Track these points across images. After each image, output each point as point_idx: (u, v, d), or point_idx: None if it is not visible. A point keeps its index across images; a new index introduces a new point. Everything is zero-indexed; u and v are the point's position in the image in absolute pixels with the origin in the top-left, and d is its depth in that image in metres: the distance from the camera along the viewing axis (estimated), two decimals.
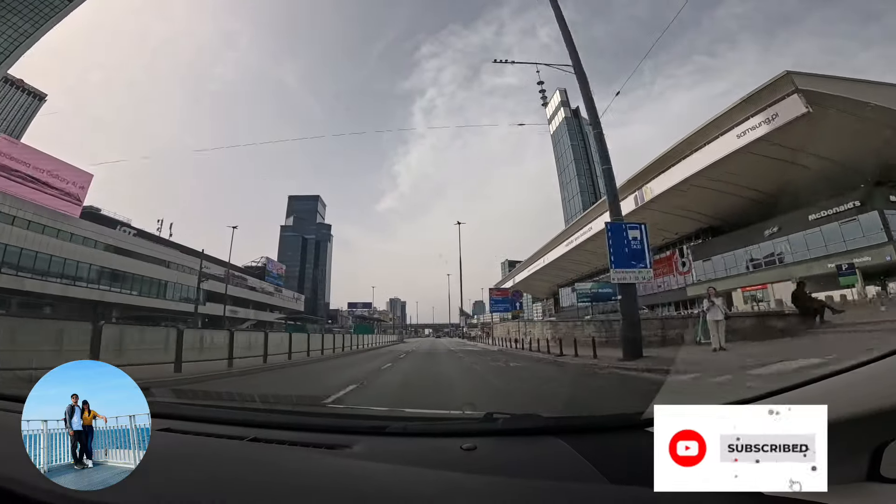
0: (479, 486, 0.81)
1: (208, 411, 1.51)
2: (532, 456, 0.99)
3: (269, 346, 10.98)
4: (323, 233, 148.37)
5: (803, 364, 3.53)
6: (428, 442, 1.15)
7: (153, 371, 6.52)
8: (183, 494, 0.82)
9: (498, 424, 1.17)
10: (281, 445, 1.08)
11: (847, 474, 0.68)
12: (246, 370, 8.93)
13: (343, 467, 0.95)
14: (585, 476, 0.84)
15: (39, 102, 39.62)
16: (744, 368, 4.69)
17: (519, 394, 5.33)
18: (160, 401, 1.65)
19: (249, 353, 10.22)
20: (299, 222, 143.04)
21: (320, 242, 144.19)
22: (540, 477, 0.87)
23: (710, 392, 2.79)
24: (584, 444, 0.97)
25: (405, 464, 0.93)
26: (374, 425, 1.25)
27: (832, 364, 0.74)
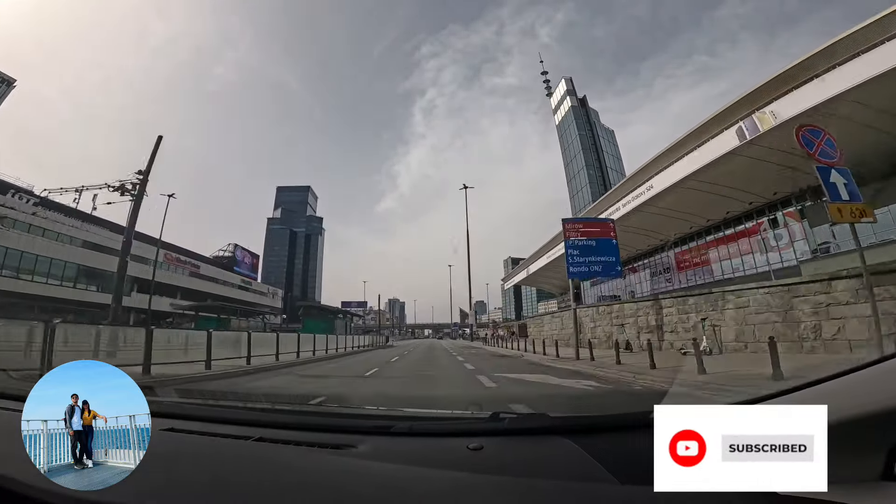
0: (487, 485, 0.85)
1: (213, 411, 1.55)
2: (540, 456, 1.02)
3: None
4: (314, 226, 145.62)
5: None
6: (434, 442, 1.19)
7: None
8: (187, 494, 0.86)
9: (504, 424, 1.21)
10: (286, 445, 1.12)
11: (860, 474, 0.71)
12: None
13: (349, 467, 0.99)
14: (594, 476, 0.88)
15: (8, 88, 38.87)
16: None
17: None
18: (164, 400, 1.69)
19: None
20: (288, 215, 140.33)
21: (311, 236, 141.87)
22: (548, 477, 0.91)
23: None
24: (592, 443, 1.00)
25: (411, 464, 0.97)
26: (380, 425, 1.29)
27: (840, 364, 0.77)
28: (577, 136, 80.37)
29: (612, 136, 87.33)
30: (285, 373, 10.04)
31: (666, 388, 6.19)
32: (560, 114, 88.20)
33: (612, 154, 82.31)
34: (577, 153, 79.06)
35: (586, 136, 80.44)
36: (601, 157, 78.92)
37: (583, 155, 77.81)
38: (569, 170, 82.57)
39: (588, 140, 80.00)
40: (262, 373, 9.84)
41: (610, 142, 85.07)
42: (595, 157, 78.48)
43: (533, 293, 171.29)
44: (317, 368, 11.35)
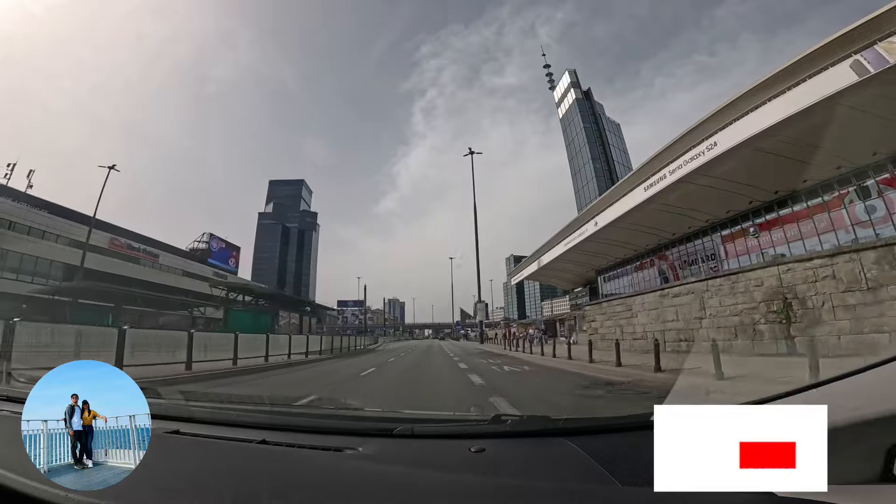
0: (490, 488, 0.89)
1: (217, 413, 1.61)
2: (542, 458, 1.06)
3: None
4: (308, 221, 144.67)
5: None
6: (436, 444, 1.24)
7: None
8: (193, 498, 0.89)
9: (507, 426, 1.25)
10: (290, 448, 1.16)
11: (859, 475, 0.74)
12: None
13: (352, 469, 1.03)
14: (596, 477, 0.91)
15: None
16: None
17: None
18: (169, 403, 1.75)
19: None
20: (280, 209, 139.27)
21: (304, 232, 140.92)
22: (551, 479, 0.95)
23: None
24: (594, 445, 1.04)
25: (414, 466, 1.01)
26: (382, 427, 1.33)
27: (840, 368, 0.80)
28: (581, 128, 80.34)
29: (618, 129, 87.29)
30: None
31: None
32: (564, 107, 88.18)
33: (618, 148, 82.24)
34: (583, 146, 79.04)
35: (591, 128, 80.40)
36: (607, 150, 78.88)
37: (588, 148, 77.77)
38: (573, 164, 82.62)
39: (593, 132, 79.96)
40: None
41: (616, 135, 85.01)
42: (601, 149, 78.42)
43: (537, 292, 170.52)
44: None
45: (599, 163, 76.68)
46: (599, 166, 76.03)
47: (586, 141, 78.43)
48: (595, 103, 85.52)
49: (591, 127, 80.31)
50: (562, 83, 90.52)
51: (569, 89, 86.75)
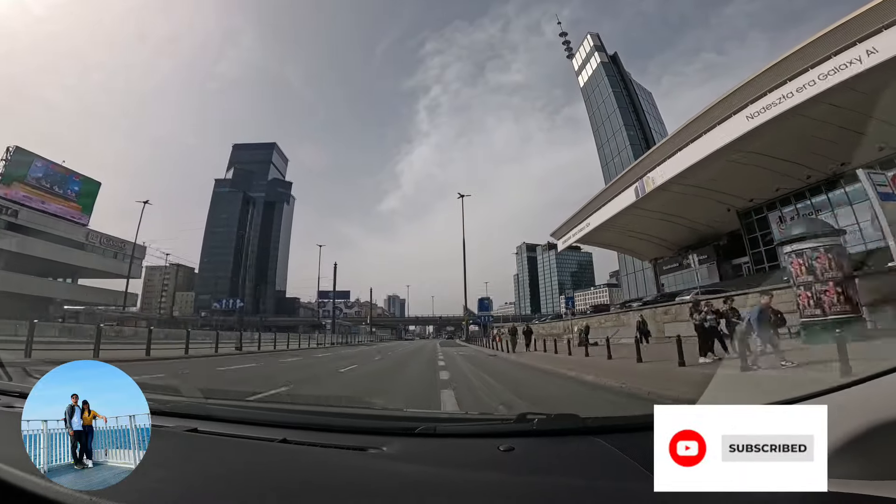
0: (523, 486, 1.02)
1: (236, 412, 1.75)
2: (573, 456, 1.21)
3: None
4: (279, 192, 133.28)
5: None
6: (461, 443, 1.39)
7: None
8: (211, 496, 1.01)
9: (533, 425, 1.39)
10: (312, 447, 1.31)
11: (860, 474, 0.88)
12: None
13: (377, 468, 1.17)
14: (629, 474, 1.02)
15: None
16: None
17: None
18: (188, 401, 1.90)
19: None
20: (243, 175, 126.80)
21: (274, 204, 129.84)
22: (586, 477, 1.08)
23: None
24: (625, 442, 1.18)
25: (441, 465, 1.15)
26: (404, 426, 1.48)
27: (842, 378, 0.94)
28: (610, 93, 79.21)
29: (650, 97, 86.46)
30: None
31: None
32: (585, 74, 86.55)
33: (653, 115, 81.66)
34: (612, 113, 77.97)
35: (621, 93, 79.48)
36: (641, 117, 78.14)
37: (619, 114, 76.61)
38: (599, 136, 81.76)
39: (624, 98, 79.10)
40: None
41: (649, 102, 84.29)
42: (634, 116, 77.53)
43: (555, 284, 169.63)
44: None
45: (634, 129, 75.58)
46: (634, 133, 74.95)
47: (616, 107, 77.33)
48: (623, 68, 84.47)
49: (620, 91, 79.35)
50: (582, 49, 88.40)
51: (591, 54, 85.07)
